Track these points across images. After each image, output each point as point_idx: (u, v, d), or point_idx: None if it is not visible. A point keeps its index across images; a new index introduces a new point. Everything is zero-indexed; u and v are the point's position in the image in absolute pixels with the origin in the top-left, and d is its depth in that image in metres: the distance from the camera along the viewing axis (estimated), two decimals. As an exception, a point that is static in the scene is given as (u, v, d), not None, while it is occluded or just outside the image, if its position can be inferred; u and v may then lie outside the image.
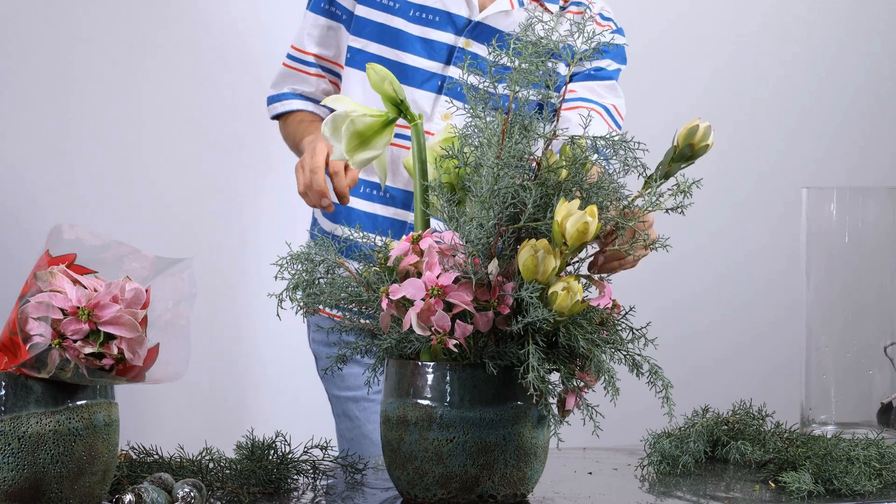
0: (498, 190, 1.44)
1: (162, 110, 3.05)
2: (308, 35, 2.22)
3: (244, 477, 1.53)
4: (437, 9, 2.13)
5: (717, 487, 1.63)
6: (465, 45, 2.13)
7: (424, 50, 2.13)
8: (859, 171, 3.59)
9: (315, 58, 2.23)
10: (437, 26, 2.14)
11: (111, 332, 1.33)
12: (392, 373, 1.49)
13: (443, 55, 2.14)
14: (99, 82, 3.00)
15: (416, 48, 2.13)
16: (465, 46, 2.13)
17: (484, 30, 2.13)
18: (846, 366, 1.90)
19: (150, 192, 3.04)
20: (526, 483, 1.47)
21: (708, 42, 3.52)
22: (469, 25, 2.13)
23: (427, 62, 2.13)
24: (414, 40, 2.13)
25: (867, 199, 1.92)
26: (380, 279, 1.49)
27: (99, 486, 1.37)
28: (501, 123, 1.47)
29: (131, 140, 3.03)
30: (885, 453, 1.63)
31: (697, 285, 3.50)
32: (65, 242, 1.38)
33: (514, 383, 1.43)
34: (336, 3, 2.19)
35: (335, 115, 1.58)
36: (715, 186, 3.44)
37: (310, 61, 2.23)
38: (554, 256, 1.39)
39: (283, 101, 2.26)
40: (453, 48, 2.14)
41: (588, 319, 1.44)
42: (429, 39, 2.14)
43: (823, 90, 3.59)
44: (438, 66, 2.14)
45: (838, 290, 1.94)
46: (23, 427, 1.31)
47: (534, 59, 1.46)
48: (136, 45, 3.02)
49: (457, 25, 2.14)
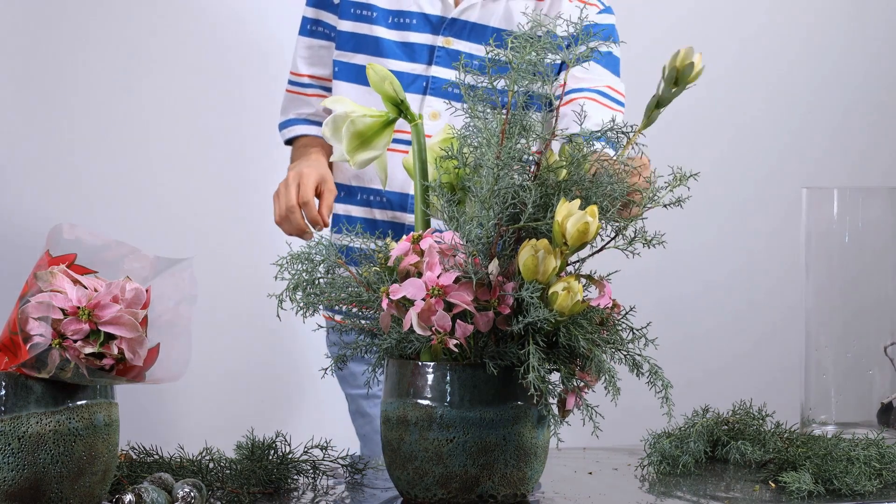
0: (498, 190, 1.43)
1: (163, 110, 3.05)
2: (301, 58, 2.26)
3: (244, 477, 1.53)
4: (412, 11, 2.16)
5: (717, 487, 1.63)
6: (446, 44, 2.15)
7: (405, 54, 2.15)
8: (859, 171, 3.58)
9: (310, 78, 2.27)
10: (415, 28, 2.16)
11: (111, 332, 1.33)
12: (392, 373, 1.49)
13: (424, 56, 2.16)
14: (99, 82, 3.00)
15: (396, 53, 2.15)
16: (446, 45, 2.14)
17: (462, 26, 2.15)
18: (846, 366, 1.90)
19: (151, 192, 3.04)
20: (526, 483, 1.47)
21: (708, 42, 3.51)
22: (445, 23, 2.15)
23: (409, 65, 2.15)
24: (394, 46, 2.16)
25: (867, 199, 1.91)
26: (380, 279, 1.49)
27: (99, 486, 1.37)
28: (500, 123, 1.47)
29: (132, 140, 3.03)
30: (885, 453, 1.63)
31: (697, 285, 3.50)
32: (65, 242, 1.38)
33: (514, 383, 1.43)
34: (321, 22, 2.22)
35: (335, 115, 1.58)
36: (715, 186, 3.45)
37: (306, 83, 2.27)
38: (554, 256, 1.39)
39: (290, 126, 2.30)
40: (433, 48, 2.15)
41: (588, 319, 1.44)
42: (408, 43, 2.16)
43: (823, 90, 3.59)
44: (421, 68, 2.15)
45: (838, 290, 1.94)
46: (23, 427, 1.31)
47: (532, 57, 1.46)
48: (137, 44, 3.02)
49: (433, 25, 2.15)
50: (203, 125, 3.08)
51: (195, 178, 3.08)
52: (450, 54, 2.14)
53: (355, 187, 2.20)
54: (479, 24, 2.15)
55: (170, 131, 3.06)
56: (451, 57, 2.14)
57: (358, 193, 2.19)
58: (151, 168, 3.04)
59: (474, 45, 2.15)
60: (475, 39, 2.15)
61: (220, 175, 3.09)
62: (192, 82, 3.07)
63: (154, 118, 3.04)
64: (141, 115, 3.03)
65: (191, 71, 3.06)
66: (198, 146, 3.09)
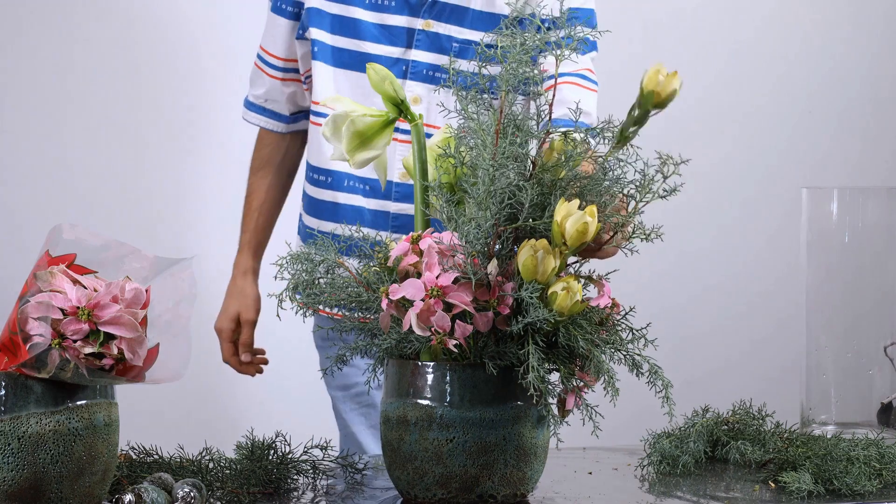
0: (494, 190, 1.43)
1: (162, 110, 3.05)
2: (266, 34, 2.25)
3: (244, 477, 1.53)
4: None
5: (717, 487, 1.63)
6: (425, 27, 2.11)
7: (384, 36, 2.12)
8: (859, 171, 3.59)
9: (266, 54, 2.25)
10: (393, 10, 2.12)
11: (111, 332, 1.33)
12: (392, 373, 1.49)
13: (402, 39, 2.12)
14: (99, 82, 3.00)
15: (374, 35, 2.12)
16: (425, 28, 2.11)
17: (442, 8, 2.11)
18: (846, 366, 1.90)
19: (150, 192, 3.04)
20: (526, 483, 1.47)
21: (708, 42, 3.51)
22: (425, 5, 2.11)
23: (388, 48, 2.12)
24: (372, 28, 2.12)
25: (867, 199, 1.91)
26: (380, 279, 1.49)
27: (99, 486, 1.37)
28: (494, 124, 1.47)
29: (132, 140, 3.03)
30: (885, 453, 1.63)
31: (697, 285, 3.50)
32: (65, 242, 1.38)
33: (514, 383, 1.43)
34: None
35: (335, 115, 1.58)
36: (715, 186, 3.45)
37: (270, 61, 2.25)
38: (553, 256, 1.39)
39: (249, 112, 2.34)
40: (413, 31, 2.12)
41: (588, 319, 1.44)
42: (387, 25, 2.12)
43: (823, 90, 3.59)
44: (400, 51, 2.12)
45: (838, 290, 1.94)
46: (23, 427, 1.31)
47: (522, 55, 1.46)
48: (137, 44, 3.02)
49: (412, 7, 2.12)
50: (203, 125, 3.08)
51: (195, 178, 3.08)
52: (429, 37, 2.11)
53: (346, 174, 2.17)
54: (459, 6, 2.10)
55: (170, 131, 3.06)
56: (430, 40, 2.12)
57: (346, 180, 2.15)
58: (151, 168, 3.05)
59: (454, 28, 2.10)
60: (455, 22, 2.11)
61: (221, 175, 3.10)
62: (193, 82, 3.07)
63: (154, 118, 3.04)
64: (141, 114, 3.03)
65: (191, 71, 3.06)
66: (198, 146, 3.09)
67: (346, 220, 2.13)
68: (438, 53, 2.11)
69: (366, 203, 2.14)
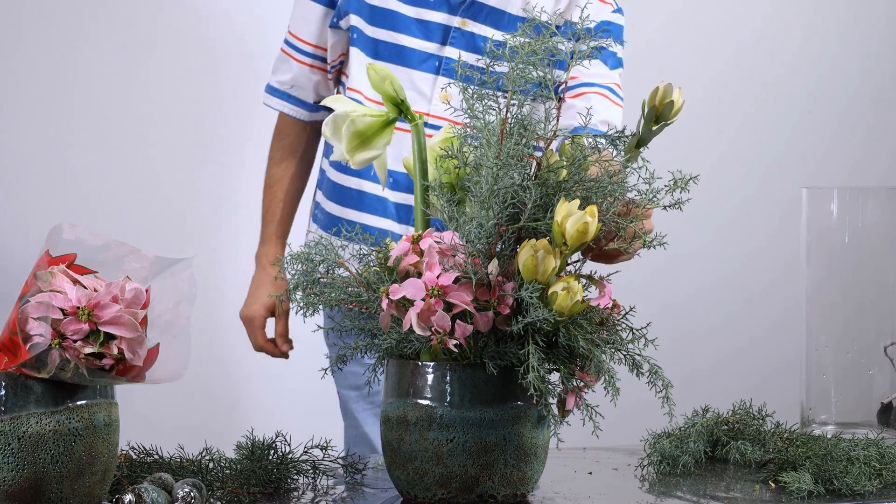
0: (497, 190, 1.43)
1: (162, 109, 3.05)
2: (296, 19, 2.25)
3: (244, 477, 1.53)
4: None
5: (717, 487, 1.63)
6: (462, 25, 2.12)
7: (420, 31, 2.13)
8: (859, 171, 3.59)
9: (296, 39, 2.25)
10: (432, 6, 2.13)
11: (111, 332, 1.33)
12: (392, 373, 1.49)
13: (438, 35, 2.13)
14: (98, 81, 3.00)
15: (411, 29, 2.12)
16: (462, 26, 2.12)
17: (480, 8, 2.12)
18: (846, 366, 1.90)
19: (150, 192, 3.04)
20: (526, 483, 1.47)
21: (708, 42, 3.52)
22: (465, 4, 2.13)
23: (423, 43, 2.12)
24: (409, 21, 2.13)
25: (867, 199, 1.91)
26: (380, 279, 1.49)
27: (99, 486, 1.37)
28: (500, 124, 1.47)
29: (131, 139, 3.03)
30: (885, 453, 1.63)
31: (697, 285, 3.50)
32: (65, 242, 1.38)
33: (514, 383, 1.43)
34: None
35: (335, 115, 1.58)
36: (715, 186, 3.45)
37: (299, 47, 2.25)
38: (554, 256, 1.39)
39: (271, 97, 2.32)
40: (449, 28, 2.13)
41: (588, 319, 1.44)
42: (423, 20, 2.13)
43: (823, 90, 3.59)
44: (435, 47, 2.13)
45: (838, 290, 1.94)
46: (23, 427, 1.31)
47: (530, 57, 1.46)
48: (138, 43, 3.02)
49: (451, 5, 2.13)
50: (204, 125, 3.08)
51: (195, 178, 3.08)
52: (465, 36, 2.12)
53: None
54: (497, 9, 2.12)
55: (170, 131, 3.06)
56: (465, 39, 2.12)
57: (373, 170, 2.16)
58: (151, 168, 3.05)
59: (490, 30, 2.12)
60: (492, 24, 2.12)
61: (221, 175, 3.10)
62: (193, 82, 3.07)
63: (154, 118, 3.04)
64: (141, 114, 3.03)
65: (191, 70, 3.07)
66: (198, 146, 3.09)
67: (370, 211, 2.15)
68: (473, 53, 2.11)
69: (391, 196, 2.15)
